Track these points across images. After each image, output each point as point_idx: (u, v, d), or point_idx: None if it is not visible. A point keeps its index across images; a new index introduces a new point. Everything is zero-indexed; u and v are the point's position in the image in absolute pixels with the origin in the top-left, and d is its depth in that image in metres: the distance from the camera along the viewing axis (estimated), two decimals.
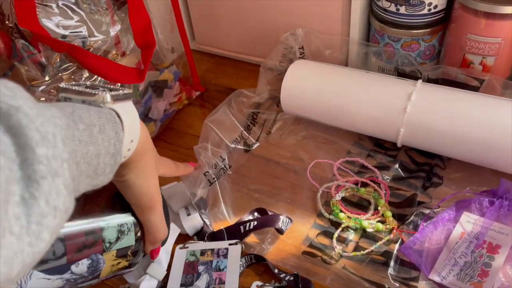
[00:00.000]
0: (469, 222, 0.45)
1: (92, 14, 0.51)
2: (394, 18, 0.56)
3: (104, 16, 0.53)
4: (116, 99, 0.31)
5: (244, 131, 0.60)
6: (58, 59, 0.48)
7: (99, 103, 0.30)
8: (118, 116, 0.30)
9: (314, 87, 0.57)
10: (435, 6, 0.54)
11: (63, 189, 0.23)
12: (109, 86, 0.34)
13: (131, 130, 0.32)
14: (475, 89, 0.53)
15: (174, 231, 0.48)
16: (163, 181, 0.55)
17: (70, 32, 0.47)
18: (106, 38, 0.51)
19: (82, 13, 0.48)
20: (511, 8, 0.49)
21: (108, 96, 0.30)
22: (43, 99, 0.48)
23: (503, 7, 0.49)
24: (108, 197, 0.37)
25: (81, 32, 0.48)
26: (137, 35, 0.51)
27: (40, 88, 0.47)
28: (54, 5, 0.46)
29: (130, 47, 0.56)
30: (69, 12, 0.47)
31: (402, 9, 0.55)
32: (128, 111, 0.32)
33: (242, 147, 0.59)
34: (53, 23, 0.46)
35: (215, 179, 0.52)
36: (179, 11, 0.61)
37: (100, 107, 0.30)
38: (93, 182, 0.29)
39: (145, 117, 0.60)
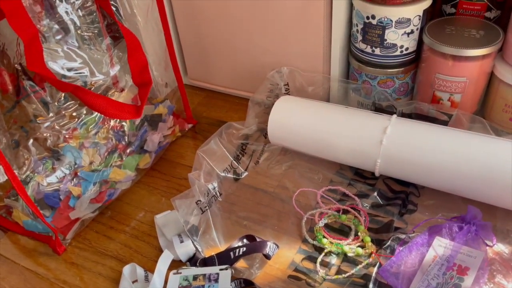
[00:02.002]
0: (440, 246, 0.49)
1: (95, 54, 0.56)
2: (370, 58, 0.62)
3: (104, 57, 0.57)
4: None
5: (233, 161, 0.63)
6: (62, 97, 0.52)
7: None
8: None
9: (299, 121, 0.61)
10: (407, 48, 0.60)
11: None
12: None
13: None
14: (444, 123, 0.58)
15: (168, 257, 0.51)
16: (157, 209, 0.59)
17: (74, 73, 0.51)
18: (106, 78, 0.55)
19: (85, 56, 0.52)
20: (474, 51, 0.55)
21: None
22: (47, 134, 0.52)
23: (467, 50, 0.55)
24: None
25: (83, 73, 0.52)
26: (135, 75, 0.55)
27: (45, 125, 0.51)
28: (59, 49, 0.50)
29: (128, 84, 0.60)
30: (73, 55, 0.52)
31: (377, 51, 0.60)
32: None
33: (232, 176, 0.62)
34: (59, 65, 0.50)
35: (207, 207, 0.56)
36: (173, 49, 0.66)
37: None
38: None
39: (140, 149, 0.63)
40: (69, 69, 0.51)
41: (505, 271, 0.47)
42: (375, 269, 0.49)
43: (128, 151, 0.62)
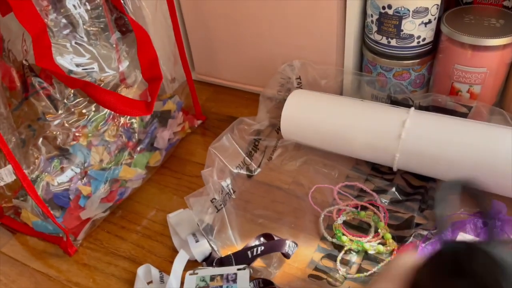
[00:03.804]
0: None
1: (104, 49, 0.54)
2: (385, 50, 0.60)
3: (112, 53, 0.56)
4: None
5: (246, 157, 0.62)
6: (72, 94, 0.50)
7: None
8: None
9: (312, 115, 0.59)
10: (424, 39, 0.58)
11: None
12: None
13: None
14: (463, 115, 0.56)
15: (184, 258, 0.49)
16: (169, 207, 0.58)
17: (83, 69, 0.50)
18: (116, 73, 0.53)
19: (94, 51, 0.51)
20: (495, 40, 0.53)
21: None
22: (56, 132, 0.50)
23: (487, 39, 0.53)
24: None
25: (92, 68, 0.51)
26: (144, 69, 0.54)
27: (55, 122, 0.49)
28: (68, 44, 0.48)
29: (137, 80, 0.59)
30: (82, 50, 0.50)
31: (393, 42, 0.59)
32: None
33: (245, 173, 0.61)
34: (67, 60, 0.48)
35: (222, 205, 0.54)
36: (182, 45, 0.64)
37: None
38: None
39: (150, 146, 0.62)
40: (78, 65, 0.50)
41: None
42: None
43: (138, 148, 0.60)
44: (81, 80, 0.47)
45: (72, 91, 0.51)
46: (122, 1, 0.53)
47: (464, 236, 0.48)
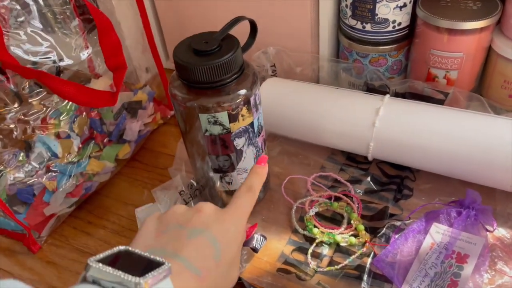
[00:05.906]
0: (438, 233, 0.46)
1: (64, 37, 0.52)
2: (361, 35, 0.58)
3: (75, 40, 0.53)
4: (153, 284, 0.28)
5: None
6: (27, 85, 0.48)
7: None
8: None
9: (287, 104, 0.57)
10: (399, 23, 0.56)
11: None
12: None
13: None
14: (440, 102, 0.55)
15: None
16: (139, 202, 0.56)
17: (40, 58, 0.47)
18: (75, 62, 0.51)
19: (51, 39, 0.48)
20: (471, 24, 0.51)
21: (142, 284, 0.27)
22: (12, 126, 0.48)
23: (464, 23, 0.51)
24: None
25: (50, 57, 0.48)
26: (107, 57, 0.52)
27: (9, 115, 0.47)
28: (21, 32, 0.46)
29: (103, 69, 0.56)
30: (38, 38, 0.47)
31: (368, 27, 0.57)
32: None
33: None
34: (22, 50, 0.46)
35: (191, 198, 0.52)
36: (151, 32, 0.62)
37: None
38: None
39: (119, 138, 0.60)
40: (34, 54, 0.47)
41: (507, 257, 0.45)
42: (370, 259, 0.46)
43: (105, 140, 0.58)
44: (35, 70, 0.45)
45: (29, 81, 0.48)
46: None
47: (438, 226, 0.47)
